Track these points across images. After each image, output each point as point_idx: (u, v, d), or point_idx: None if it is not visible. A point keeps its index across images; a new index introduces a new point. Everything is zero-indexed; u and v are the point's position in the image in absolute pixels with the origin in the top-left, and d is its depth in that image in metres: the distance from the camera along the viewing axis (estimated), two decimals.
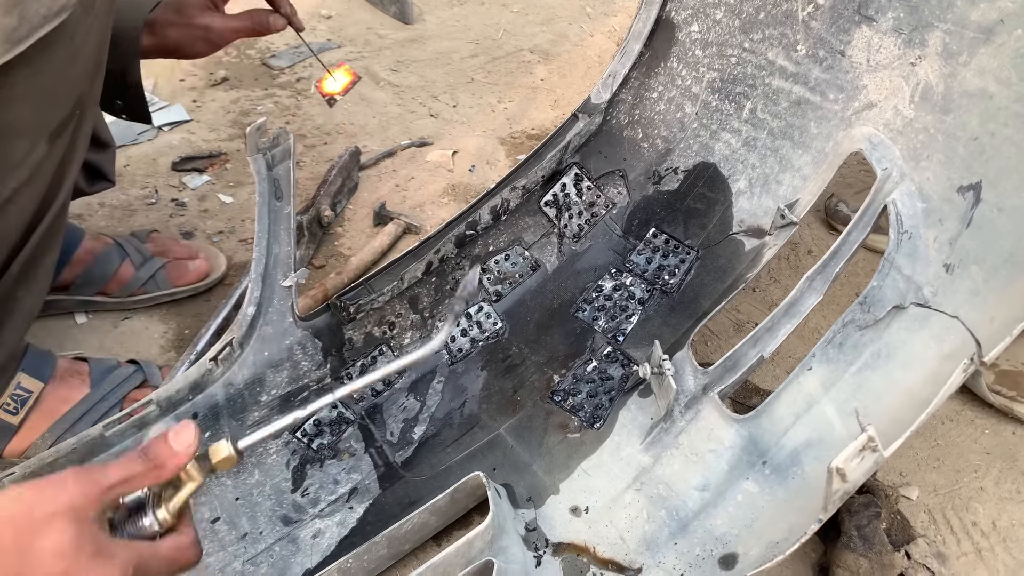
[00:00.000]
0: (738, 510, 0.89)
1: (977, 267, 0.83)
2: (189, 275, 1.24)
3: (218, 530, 0.90)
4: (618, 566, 0.90)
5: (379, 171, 1.57)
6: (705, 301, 1.06)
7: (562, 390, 1.05)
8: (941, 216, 0.88)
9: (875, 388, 0.87)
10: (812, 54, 1.00)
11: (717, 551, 0.87)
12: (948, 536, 1.04)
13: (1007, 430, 1.17)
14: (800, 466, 0.88)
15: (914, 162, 0.91)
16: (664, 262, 1.11)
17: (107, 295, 1.20)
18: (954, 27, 0.86)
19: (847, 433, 0.85)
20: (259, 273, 0.93)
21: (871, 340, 0.89)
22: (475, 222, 1.09)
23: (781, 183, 1.04)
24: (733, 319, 1.30)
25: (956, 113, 0.87)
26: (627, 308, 1.09)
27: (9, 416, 0.97)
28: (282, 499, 0.94)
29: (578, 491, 0.97)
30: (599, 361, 1.07)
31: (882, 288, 0.90)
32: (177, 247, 1.26)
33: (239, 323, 0.91)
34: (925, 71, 0.90)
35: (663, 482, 0.94)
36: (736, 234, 1.07)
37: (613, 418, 1.01)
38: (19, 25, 0.66)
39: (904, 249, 0.89)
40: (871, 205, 0.92)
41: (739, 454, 0.91)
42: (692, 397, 0.95)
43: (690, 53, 1.12)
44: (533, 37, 2.03)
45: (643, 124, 1.17)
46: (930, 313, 0.86)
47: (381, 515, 0.94)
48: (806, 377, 0.91)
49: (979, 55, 0.85)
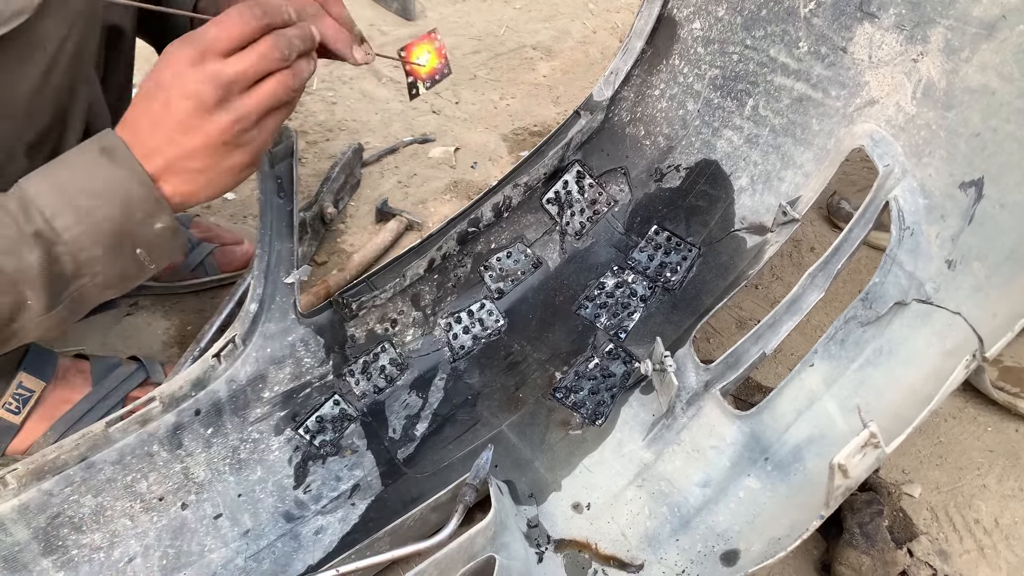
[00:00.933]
0: (740, 506, 0.89)
1: (979, 263, 0.83)
2: (237, 260, 1.24)
3: (220, 526, 0.90)
4: (620, 562, 0.90)
5: (381, 168, 1.57)
6: (707, 298, 1.06)
7: (564, 387, 1.05)
8: (943, 212, 0.88)
9: (877, 384, 0.87)
10: (814, 51, 1.00)
11: (719, 547, 0.87)
12: (951, 533, 1.04)
13: (1010, 427, 1.17)
14: (802, 462, 0.88)
15: (916, 158, 0.90)
16: (666, 259, 1.11)
17: (158, 280, 1.19)
18: (956, 23, 0.86)
19: (849, 429, 0.85)
20: (261, 270, 0.93)
21: (873, 336, 0.89)
22: (477, 219, 1.09)
23: (783, 180, 1.04)
24: (735, 316, 1.30)
25: (958, 109, 0.87)
26: (629, 305, 1.09)
27: (11, 415, 0.97)
28: (284, 495, 0.94)
29: (580, 487, 0.97)
30: (601, 358, 1.07)
31: (884, 284, 0.89)
32: (223, 232, 1.26)
33: (242, 320, 0.91)
34: (927, 67, 0.90)
35: (665, 478, 0.94)
36: (738, 231, 1.07)
37: (615, 415, 1.01)
38: None
39: (906, 245, 0.89)
40: (873, 202, 0.91)
41: (741, 450, 0.91)
42: (694, 394, 0.96)
43: (692, 50, 1.12)
44: (535, 34, 2.03)
45: (645, 121, 1.17)
46: (932, 309, 0.85)
47: (383, 511, 0.95)
48: (808, 373, 0.91)
49: (981, 51, 0.84)
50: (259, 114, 0.65)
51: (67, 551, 0.83)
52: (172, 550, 0.88)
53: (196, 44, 0.63)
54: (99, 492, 0.84)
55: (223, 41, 0.63)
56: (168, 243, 0.68)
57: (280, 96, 0.66)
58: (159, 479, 0.87)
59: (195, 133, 0.64)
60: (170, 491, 0.88)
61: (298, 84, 0.67)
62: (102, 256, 0.64)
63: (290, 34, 0.66)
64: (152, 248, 0.67)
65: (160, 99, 0.63)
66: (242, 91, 0.64)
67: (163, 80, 0.63)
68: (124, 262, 0.66)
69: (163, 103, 0.63)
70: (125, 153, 0.63)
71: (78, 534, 0.83)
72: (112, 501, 0.85)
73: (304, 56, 0.68)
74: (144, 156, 0.64)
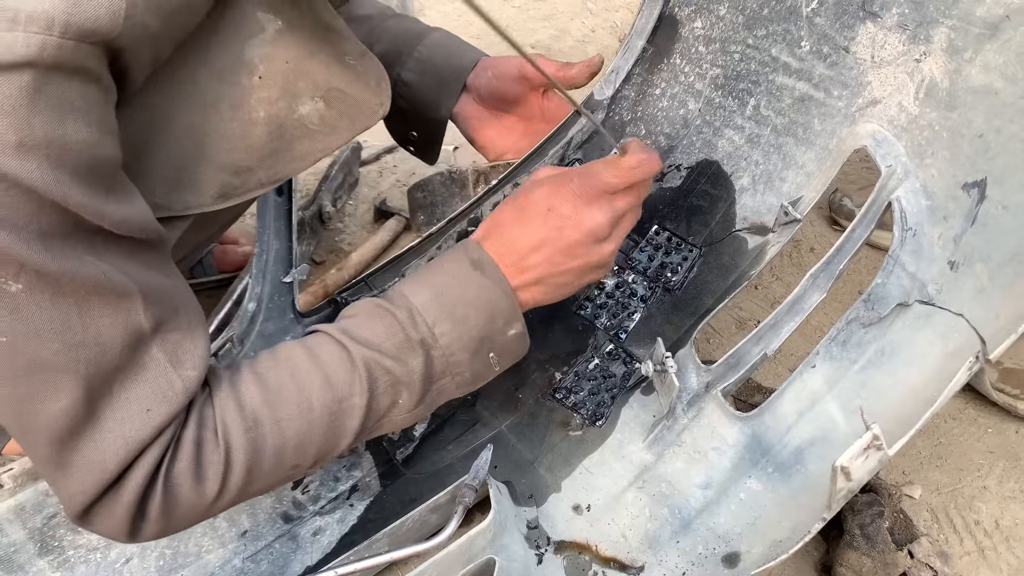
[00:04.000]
0: (741, 508, 0.89)
1: (982, 264, 0.83)
2: (235, 260, 1.23)
3: (218, 527, 0.89)
4: (620, 564, 0.90)
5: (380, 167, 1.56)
6: (708, 299, 1.05)
7: (564, 388, 1.05)
8: (946, 213, 0.87)
9: (879, 386, 0.87)
10: (816, 50, 0.99)
11: (720, 549, 0.87)
12: (951, 535, 1.04)
13: (1010, 429, 1.17)
14: (803, 464, 0.87)
15: (919, 159, 0.90)
16: (667, 259, 1.10)
17: None
18: (959, 23, 0.86)
19: (851, 431, 0.85)
20: (260, 269, 0.92)
21: (875, 338, 0.89)
22: (477, 219, 1.09)
23: (785, 180, 1.04)
24: (735, 317, 1.29)
25: (961, 110, 0.87)
26: (629, 306, 1.09)
27: None
28: (282, 496, 0.94)
29: (580, 489, 0.96)
30: (601, 359, 1.06)
31: (886, 285, 0.89)
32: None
33: (240, 319, 0.91)
34: (930, 67, 0.89)
35: (665, 480, 0.94)
36: (739, 231, 1.07)
37: (615, 416, 1.01)
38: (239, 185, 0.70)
39: (908, 246, 0.89)
40: (875, 202, 0.91)
41: (742, 452, 0.91)
42: (695, 395, 0.95)
43: (693, 49, 1.12)
44: (535, 32, 2.02)
45: (646, 121, 1.16)
46: (934, 311, 0.85)
47: (382, 512, 0.94)
48: (810, 375, 0.91)
49: (984, 51, 0.84)
50: (622, 240, 0.77)
51: (63, 551, 0.82)
52: (169, 551, 0.87)
53: (596, 184, 0.73)
54: None
55: (620, 187, 0.74)
56: (517, 346, 0.76)
57: (634, 223, 0.78)
58: None
59: (579, 259, 0.74)
60: None
61: (639, 215, 0.79)
62: (467, 359, 0.72)
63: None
64: (503, 351, 0.75)
65: (552, 225, 0.73)
66: (620, 223, 0.76)
67: (560, 210, 0.73)
68: (479, 364, 0.74)
69: (556, 229, 0.73)
70: (493, 267, 0.73)
71: (75, 534, 0.83)
72: None
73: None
74: (516, 269, 0.73)
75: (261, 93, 0.67)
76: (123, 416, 0.58)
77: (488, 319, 0.72)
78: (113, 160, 0.55)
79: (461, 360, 0.72)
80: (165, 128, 0.65)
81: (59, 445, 0.57)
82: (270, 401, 0.65)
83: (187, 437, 0.61)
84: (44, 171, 0.49)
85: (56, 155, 0.49)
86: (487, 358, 0.74)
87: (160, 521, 0.62)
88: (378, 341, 0.69)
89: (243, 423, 0.64)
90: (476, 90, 1.02)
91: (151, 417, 0.59)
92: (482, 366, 0.74)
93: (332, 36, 0.71)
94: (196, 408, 0.63)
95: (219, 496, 0.63)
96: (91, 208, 0.52)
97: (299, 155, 0.72)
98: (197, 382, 0.62)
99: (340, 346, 0.68)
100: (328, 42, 0.71)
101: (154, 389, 0.59)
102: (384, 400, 0.70)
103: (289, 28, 0.68)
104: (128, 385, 0.58)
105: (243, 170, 0.69)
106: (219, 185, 0.69)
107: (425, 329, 0.70)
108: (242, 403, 0.64)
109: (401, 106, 1.04)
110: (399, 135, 1.11)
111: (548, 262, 0.73)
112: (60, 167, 0.50)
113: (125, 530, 0.61)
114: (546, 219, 0.73)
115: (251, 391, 0.65)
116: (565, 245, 0.73)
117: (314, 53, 0.70)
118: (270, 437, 0.65)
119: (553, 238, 0.73)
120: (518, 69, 1.00)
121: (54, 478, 0.60)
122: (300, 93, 0.70)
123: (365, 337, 0.69)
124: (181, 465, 0.61)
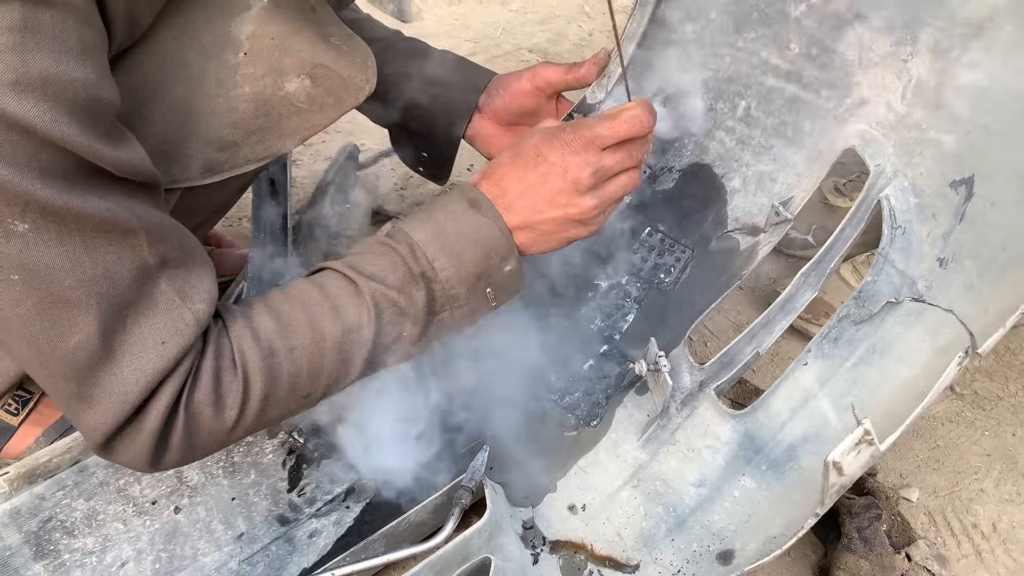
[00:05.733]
0: (735, 506, 0.89)
1: (971, 261, 0.83)
2: (231, 263, 1.23)
3: (214, 530, 0.89)
4: (615, 563, 0.90)
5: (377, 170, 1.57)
6: (700, 299, 1.06)
7: (559, 388, 1.05)
8: (934, 211, 0.88)
9: (870, 382, 0.87)
10: (805, 52, 1.00)
11: (714, 547, 0.87)
12: (948, 538, 1.04)
13: (1007, 432, 1.17)
14: (796, 461, 0.88)
15: (907, 158, 0.91)
16: (659, 261, 1.11)
17: None
18: (945, 23, 0.87)
19: (843, 427, 0.85)
20: (255, 273, 0.93)
21: (866, 335, 0.89)
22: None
23: (775, 181, 1.05)
24: (732, 320, 1.30)
25: (948, 108, 0.87)
26: (623, 306, 1.09)
27: (10, 417, 0.97)
28: (278, 499, 0.94)
29: (575, 489, 0.97)
30: (595, 359, 1.07)
31: (876, 283, 0.90)
32: (216, 235, 1.25)
33: None
34: (917, 67, 0.90)
35: (660, 479, 0.94)
36: (731, 232, 1.07)
37: (610, 416, 1.01)
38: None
39: (898, 244, 0.89)
40: (864, 201, 0.92)
41: (735, 450, 0.91)
42: (688, 394, 0.96)
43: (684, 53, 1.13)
44: (532, 36, 2.03)
45: None
46: (924, 307, 0.86)
47: (378, 514, 0.94)
48: (802, 372, 0.91)
49: (970, 51, 0.85)
50: (611, 203, 0.77)
51: (59, 555, 0.82)
52: (165, 554, 0.87)
53: (585, 134, 0.74)
54: (91, 496, 0.84)
55: (609, 139, 0.74)
56: (512, 282, 0.78)
57: (627, 190, 0.78)
58: (152, 483, 0.87)
59: (560, 208, 0.74)
60: (163, 495, 0.88)
61: (637, 184, 0.79)
62: (464, 293, 0.74)
63: (648, 141, 0.77)
64: (499, 287, 0.76)
65: (540, 171, 0.74)
66: (606, 181, 0.75)
67: (548, 157, 0.74)
68: (477, 299, 0.75)
69: (542, 176, 0.74)
70: (489, 206, 0.74)
71: (70, 538, 0.83)
72: (104, 505, 0.85)
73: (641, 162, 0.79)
74: (505, 211, 0.74)
75: (247, 69, 0.70)
76: (139, 350, 0.60)
77: (484, 255, 0.73)
78: (111, 102, 0.56)
79: (460, 294, 0.73)
80: (151, 101, 0.67)
81: (79, 379, 0.59)
82: (284, 331, 0.67)
83: (206, 367, 0.63)
84: (42, 110, 0.50)
85: (53, 94, 0.50)
86: (484, 293, 0.75)
87: (181, 449, 0.64)
88: (383, 275, 0.71)
89: (259, 351, 0.66)
90: (491, 110, 1.03)
91: (166, 349, 0.61)
92: (480, 300, 0.76)
93: (317, 17, 0.73)
94: (212, 340, 0.65)
95: (237, 423, 0.66)
96: (90, 148, 0.53)
97: (287, 132, 0.74)
98: (207, 315, 0.64)
99: (348, 280, 0.70)
100: (313, 22, 0.73)
101: (166, 322, 0.61)
102: (390, 331, 0.72)
103: (275, 6, 0.70)
104: (140, 320, 0.60)
105: (229, 145, 0.71)
106: (205, 159, 0.71)
107: (426, 263, 0.71)
108: (257, 334, 0.66)
109: (412, 128, 1.05)
110: (410, 159, 1.12)
111: (531, 208, 0.74)
112: (58, 106, 0.51)
113: (148, 459, 0.64)
114: (535, 165, 0.74)
115: (265, 322, 0.67)
116: (547, 192, 0.74)
117: (299, 30, 0.72)
118: (285, 364, 0.67)
119: (537, 184, 0.74)
120: (529, 82, 1.01)
121: (76, 411, 0.61)
122: (286, 70, 0.72)
123: (371, 271, 0.71)
124: (201, 394, 0.63)
